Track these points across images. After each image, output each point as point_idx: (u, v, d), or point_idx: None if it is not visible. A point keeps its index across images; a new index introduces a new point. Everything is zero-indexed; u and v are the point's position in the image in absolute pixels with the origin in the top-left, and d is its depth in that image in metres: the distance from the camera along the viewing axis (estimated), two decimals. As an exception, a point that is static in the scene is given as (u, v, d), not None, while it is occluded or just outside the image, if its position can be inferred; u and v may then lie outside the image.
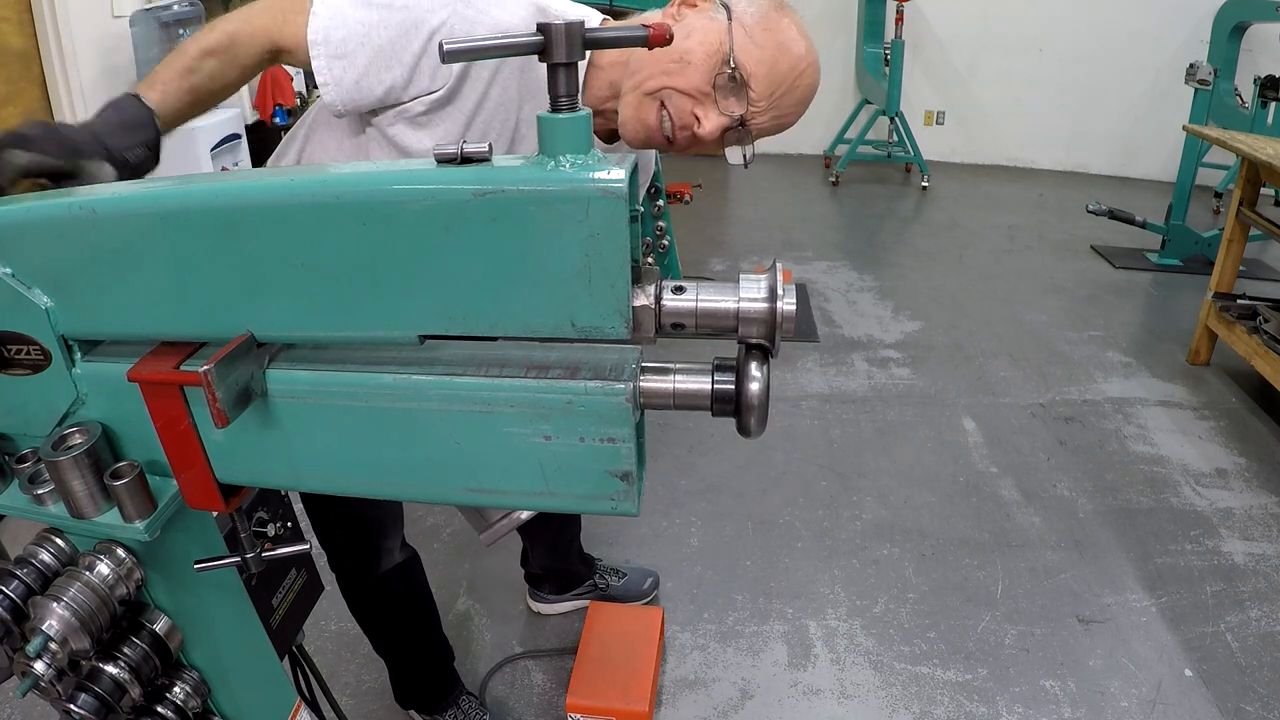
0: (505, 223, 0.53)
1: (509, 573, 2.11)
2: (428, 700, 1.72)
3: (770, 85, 1.01)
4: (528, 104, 1.09)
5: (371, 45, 1.00)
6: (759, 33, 1.00)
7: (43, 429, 0.68)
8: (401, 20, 1.00)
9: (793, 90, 1.04)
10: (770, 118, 1.05)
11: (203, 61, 1.00)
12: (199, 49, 1.00)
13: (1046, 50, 6.05)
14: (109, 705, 0.68)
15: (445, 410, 0.60)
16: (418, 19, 1.00)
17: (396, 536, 1.53)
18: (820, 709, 1.84)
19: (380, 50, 1.00)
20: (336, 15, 1.01)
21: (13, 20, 2.67)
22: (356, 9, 1.01)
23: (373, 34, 1.00)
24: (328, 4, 1.01)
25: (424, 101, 1.04)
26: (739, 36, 1.00)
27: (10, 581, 0.67)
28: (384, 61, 1.01)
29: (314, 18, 1.01)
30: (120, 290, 0.62)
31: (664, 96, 1.02)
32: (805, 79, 1.04)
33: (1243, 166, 3.15)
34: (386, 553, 1.51)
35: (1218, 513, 2.46)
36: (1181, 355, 3.42)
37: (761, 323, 0.57)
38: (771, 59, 1.01)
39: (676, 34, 1.01)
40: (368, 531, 1.47)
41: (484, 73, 1.05)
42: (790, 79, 1.03)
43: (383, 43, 1.00)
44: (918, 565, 2.25)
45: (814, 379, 3.22)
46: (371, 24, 1.00)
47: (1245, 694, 1.85)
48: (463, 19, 1.00)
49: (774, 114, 1.04)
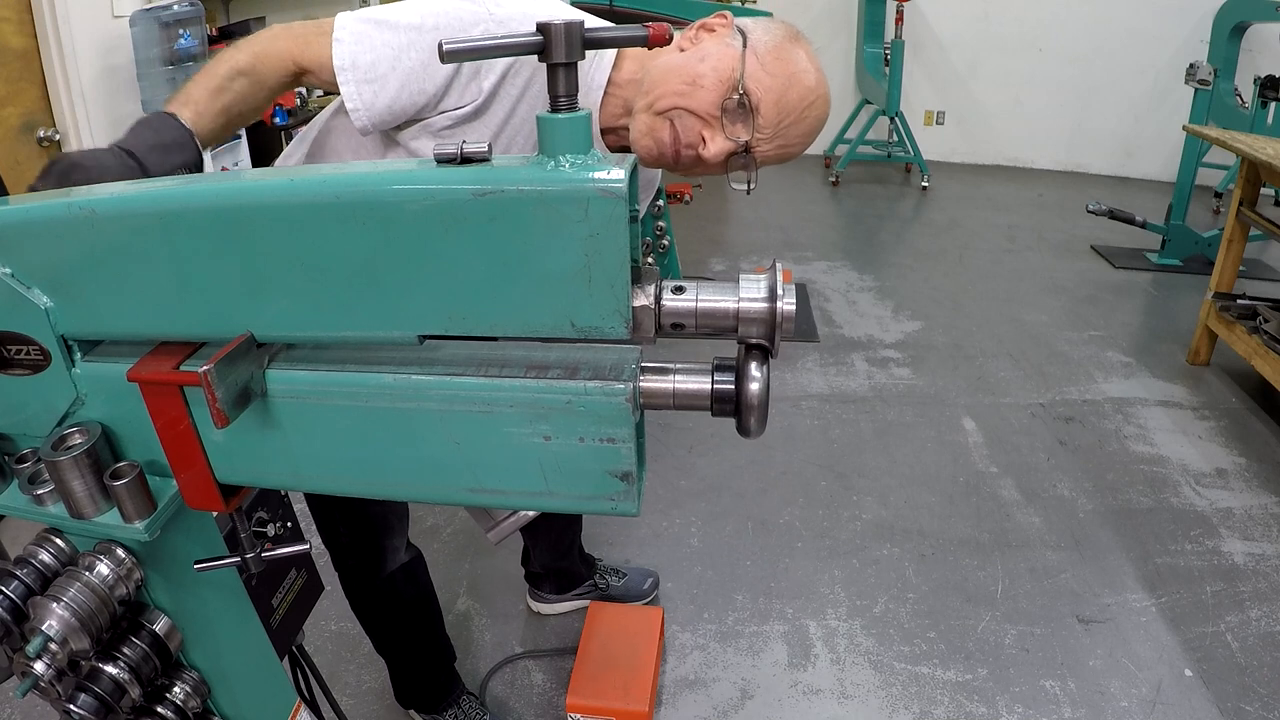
0: (505, 223, 0.53)
1: (509, 573, 2.11)
2: (428, 700, 1.72)
3: (778, 114, 1.02)
4: None
5: (403, 68, 1.00)
6: (771, 61, 1.01)
7: (43, 429, 0.68)
8: (433, 42, 0.99)
9: (800, 121, 1.04)
10: (775, 146, 1.05)
11: (233, 81, 1.00)
12: (230, 68, 1.00)
13: (1046, 50, 6.05)
14: (109, 705, 0.68)
15: (445, 410, 0.60)
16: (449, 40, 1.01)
17: (402, 536, 1.53)
18: (820, 709, 1.84)
19: (412, 73, 1.01)
20: (362, 39, 1.00)
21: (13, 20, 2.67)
22: (383, 31, 1.01)
23: (403, 56, 1.00)
24: (350, 29, 1.01)
25: (450, 116, 1.05)
26: (751, 64, 1.01)
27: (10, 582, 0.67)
28: (416, 84, 1.01)
29: (337, 44, 1.00)
30: (120, 290, 0.62)
31: (674, 116, 1.03)
32: (813, 111, 1.05)
33: (1243, 166, 3.15)
34: (392, 552, 1.50)
35: (1218, 513, 2.46)
36: (1181, 355, 3.42)
37: (761, 323, 0.57)
38: (781, 88, 1.02)
39: (692, 58, 1.04)
40: (373, 531, 1.47)
41: (513, 90, 1.06)
42: (798, 109, 1.03)
43: (414, 65, 1.00)
44: (918, 565, 2.25)
45: (814, 379, 3.22)
46: (401, 46, 1.00)
47: (1245, 694, 1.85)
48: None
49: (779, 143, 1.05)
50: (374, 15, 1.03)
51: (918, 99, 6.32)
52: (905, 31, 5.61)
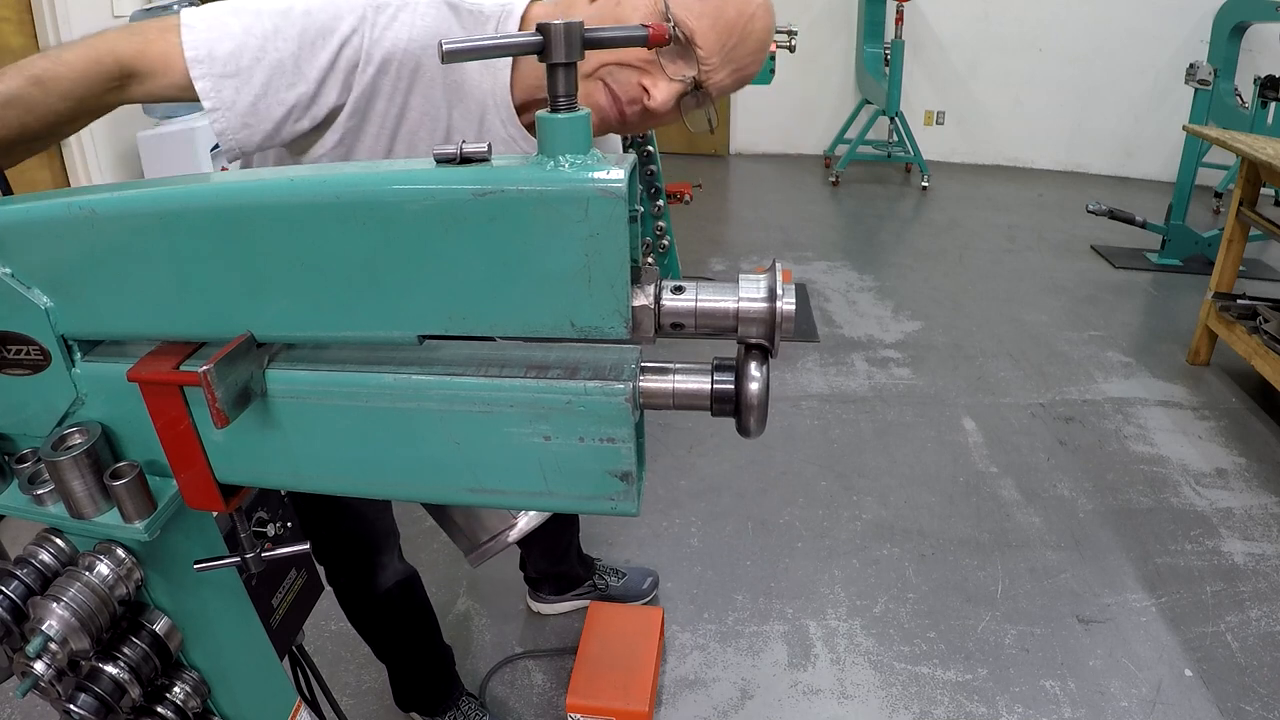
0: (504, 223, 0.53)
1: (509, 573, 2.11)
2: (428, 703, 1.72)
3: (719, 38, 0.90)
4: (456, 109, 1.00)
5: (268, 60, 0.87)
6: None
7: (42, 429, 0.68)
8: (303, 29, 0.88)
9: (746, 39, 0.92)
10: (728, 73, 0.94)
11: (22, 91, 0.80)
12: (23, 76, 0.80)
13: (1046, 50, 6.05)
14: (109, 705, 0.68)
15: (445, 410, 0.60)
16: (323, 26, 0.89)
17: (391, 552, 1.51)
18: (820, 709, 1.84)
19: (279, 66, 0.88)
20: (217, 26, 0.86)
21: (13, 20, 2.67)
22: (242, 18, 0.87)
23: (269, 46, 0.87)
24: (202, 16, 0.86)
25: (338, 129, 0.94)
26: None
27: (10, 582, 0.67)
28: (285, 79, 0.89)
29: (188, 30, 0.85)
30: (120, 290, 0.62)
31: (604, 75, 0.93)
32: (757, 23, 0.93)
33: (1243, 166, 3.15)
34: (382, 568, 1.49)
35: (1218, 513, 2.46)
36: (1181, 355, 3.42)
37: (761, 322, 0.57)
38: (715, 9, 0.89)
39: (606, 5, 0.93)
40: (362, 548, 1.46)
41: (400, 82, 0.95)
42: (740, 26, 0.91)
43: (283, 56, 0.88)
44: (918, 565, 2.25)
45: (814, 379, 3.22)
46: (265, 34, 0.87)
47: (1245, 694, 1.85)
48: (372, 25, 0.91)
49: (731, 68, 0.93)
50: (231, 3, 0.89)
51: (918, 99, 6.32)
52: (905, 31, 5.61)
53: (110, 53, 0.84)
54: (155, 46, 0.85)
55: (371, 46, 0.92)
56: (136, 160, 3.40)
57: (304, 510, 1.38)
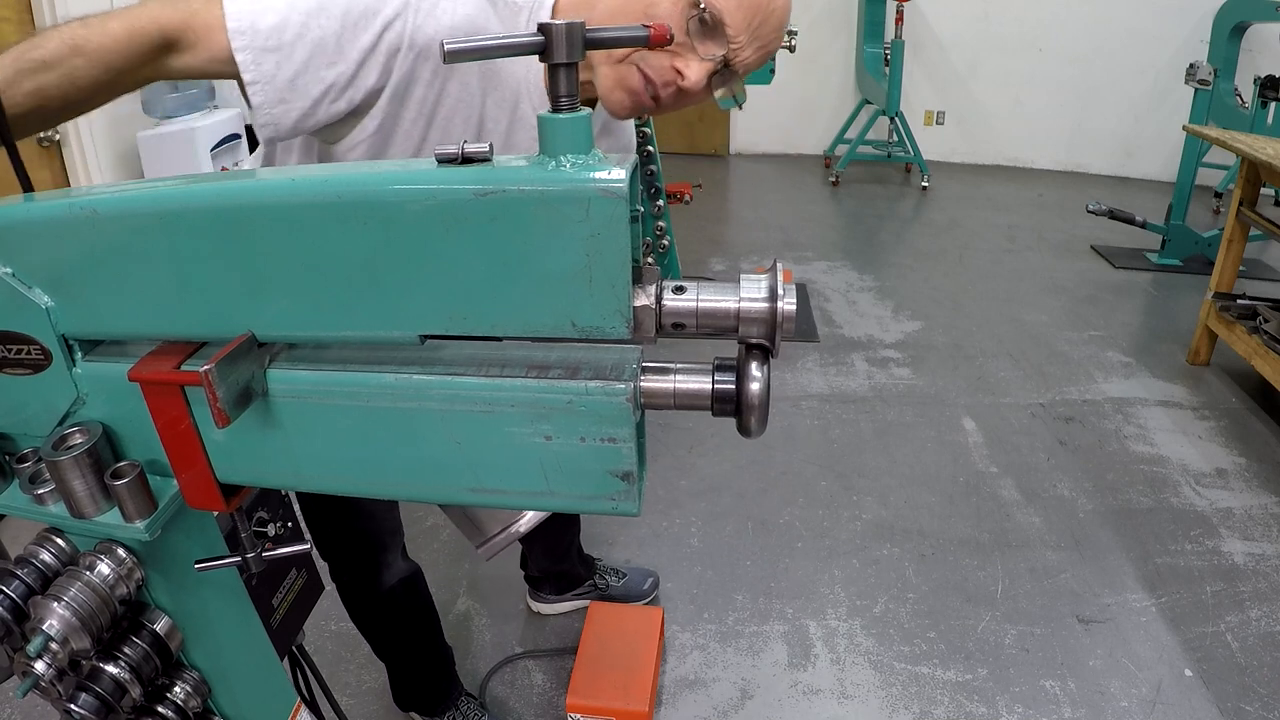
0: (506, 223, 0.53)
1: (509, 573, 2.11)
2: (428, 703, 1.72)
3: (746, 16, 0.94)
4: (490, 96, 1.03)
5: (311, 37, 0.87)
6: None
7: (43, 429, 0.68)
8: (347, 9, 0.89)
9: (770, 15, 0.96)
10: (754, 50, 0.97)
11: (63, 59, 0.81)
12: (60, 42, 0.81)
13: (1046, 50, 6.05)
14: (109, 705, 0.68)
15: (446, 410, 0.60)
16: (367, 7, 0.90)
17: (396, 550, 1.51)
18: (820, 709, 1.84)
19: (321, 43, 0.88)
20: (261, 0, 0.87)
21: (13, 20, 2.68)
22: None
23: (311, 23, 0.87)
24: None
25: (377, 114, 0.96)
26: None
27: (10, 581, 0.67)
28: (326, 57, 0.89)
29: (231, 2, 0.85)
30: (121, 290, 0.62)
31: (637, 60, 0.96)
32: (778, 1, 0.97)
33: (1243, 166, 3.15)
34: (386, 566, 1.49)
35: (1218, 513, 2.46)
36: (1181, 355, 3.42)
37: (762, 322, 0.57)
38: None
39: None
40: (367, 546, 1.46)
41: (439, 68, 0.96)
42: (764, 4, 0.95)
43: (324, 34, 0.88)
44: (918, 565, 2.25)
45: (814, 379, 3.22)
46: (309, 11, 0.87)
47: (1245, 694, 1.85)
48: (416, 10, 0.92)
49: (757, 44, 0.97)
50: None
51: (918, 99, 6.32)
52: (905, 31, 5.62)
53: (154, 20, 0.84)
54: (199, 17, 0.85)
55: (414, 32, 0.93)
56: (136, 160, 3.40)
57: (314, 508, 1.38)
